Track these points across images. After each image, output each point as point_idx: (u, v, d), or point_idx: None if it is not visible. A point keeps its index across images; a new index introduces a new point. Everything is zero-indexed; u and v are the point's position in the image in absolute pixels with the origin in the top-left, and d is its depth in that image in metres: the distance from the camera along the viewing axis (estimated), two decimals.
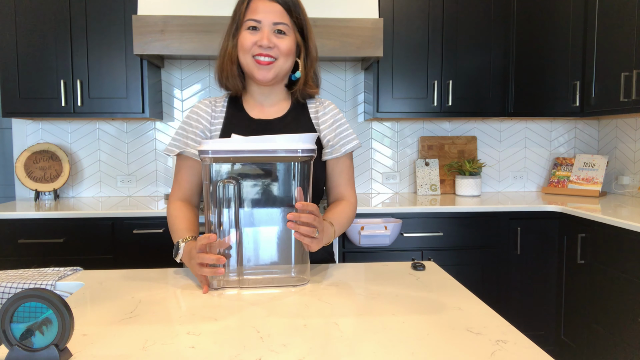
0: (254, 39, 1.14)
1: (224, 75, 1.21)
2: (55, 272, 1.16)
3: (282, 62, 1.17)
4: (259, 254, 1.03)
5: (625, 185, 2.87)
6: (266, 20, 1.14)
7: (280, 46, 1.15)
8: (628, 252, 1.99)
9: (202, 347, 0.75)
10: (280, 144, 0.96)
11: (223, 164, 0.97)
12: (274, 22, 1.15)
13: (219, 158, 0.95)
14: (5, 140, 2.99)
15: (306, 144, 0.97)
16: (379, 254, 2.41)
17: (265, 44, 1.13)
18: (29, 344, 0.68)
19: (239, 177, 0.98)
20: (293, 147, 0.96)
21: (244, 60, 1.17)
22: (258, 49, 1.14)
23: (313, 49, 1.24)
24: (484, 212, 2.46)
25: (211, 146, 0.94)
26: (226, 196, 0.98)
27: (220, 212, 0.98)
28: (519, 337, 0.78)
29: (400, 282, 1.09)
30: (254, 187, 1.00)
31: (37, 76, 2.51)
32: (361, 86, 3.00)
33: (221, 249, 0.99)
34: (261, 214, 1.01)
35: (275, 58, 1.15)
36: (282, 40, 1.16)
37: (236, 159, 0.96)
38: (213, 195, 0.98)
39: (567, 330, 2.45)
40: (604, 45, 2.58)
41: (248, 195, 1.00)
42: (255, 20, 1.14)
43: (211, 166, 0.96)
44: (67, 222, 2.29)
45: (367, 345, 0.75)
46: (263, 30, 1.14)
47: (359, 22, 2.42)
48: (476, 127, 3.08)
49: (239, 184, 0.98)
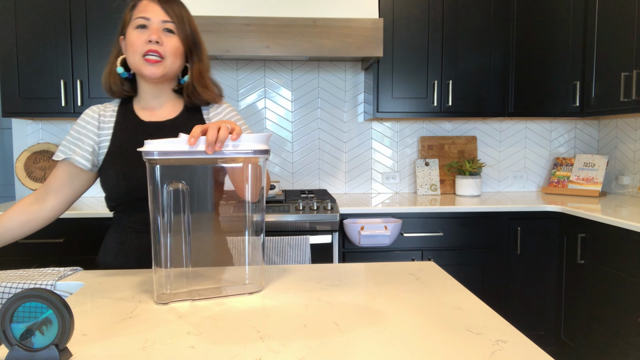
0: (143, 37, 1.14)
1: (111, 80, 1.23)
2: (55, 272, 1.16)
3: (171, 61, 1.17)
4: (209, 261, 0.97)
5: (625, 185, 2.87)
6: (155, 18, 1.15)
7: (169, 44, 1.16)
8: (628, 252, 1.99)
9: (202, 347, 0.75)
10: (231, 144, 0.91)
11: (169, 165, 0.89)
12: (162, 20, 1.16)
13: (165, 160, 0.88)
14: (5, 140, 2.99)
15: (259, 144, 0.92)
16: (379, 254, 2.41)
17: (154, 39, 1.13)
18: (29, 344, 0.68)
19: (185, 179, 0.91)
20: (245, 147, 0.91)
21: (133, 59, 1.16)
22: (148, 45, 1.14)
23: (205, 56, 1.24)
24: (484, 212, 2.46)
25: (156, 147, 0.86)
26: (173, 201, 0.91)
27: (167, 218, 0.91)
28: (519, 337, 0.78)
29: (400, 282, 1.09)
30: (203, 190, 0.93)
31: (37, 76, 2.51)
32: (361, 86, 3.00)
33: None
34: (211, 219, 0.95)
35: (163, 57, 1.16)
36: (170, 38, 1.16)
37: (183, 160, 0.89)
38: (158, 200, 0.90)
39: (567, 330, 2.45)
40: (604, 45, 2.58)
41: (196, 199, 0.93)
42: (145, 17, 1.15)
43: (155, 168, 0.89)
44: (67, 222, 2.29)
45: (367, 345, 0.75)
46: (152, 27, 1.15)
47: (359, 22, 2.42)
48: (476, 127, 3.08)
49: (186, 187, 0.92)
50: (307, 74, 2.97)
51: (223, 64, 2.92)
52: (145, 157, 0.88)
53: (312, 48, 2.41)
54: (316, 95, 2.98)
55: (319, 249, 2.31)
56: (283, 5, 2.43)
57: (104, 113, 1.25)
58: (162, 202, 0.90)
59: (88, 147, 1.21)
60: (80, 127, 1.23)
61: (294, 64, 2.96)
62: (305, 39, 2.40)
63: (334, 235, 2.32)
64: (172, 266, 0.94)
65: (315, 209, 2.31)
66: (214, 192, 0.95)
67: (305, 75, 2.97)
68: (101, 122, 1.23)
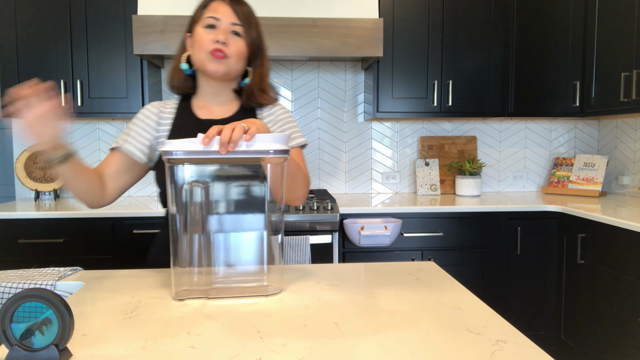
0: (211, 37, 1.16)
1: (174, 76, 1.26)
2: (55, 272, 1.16)
3: (234, 62, 1.19)
4: (228, 261, 0.96)
5: (625, 185, 2.87)
6: (225, 19, 1.18)
7: (235, 46, 1.18)
8: (628, 252, 1.99)
9: (202, 347, 0.75)
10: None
11: (189, 165, 0.90)
12: (232, 22, 1.18)
13: (184, 159, 0.88)
14: (5, 140, 2.99)
15: (278, 144, 0.90)
16: (379, 254, 2.41)
17: (222, 39, 1.15)
18: (29, 344, 0.68)
19: (206, 179, 0.92)
20: (264, 147, 0.89)
21: (199, 56, 1.18)
22: (215, 44, 1.16)
23: (266, 61, 1.27)
24: (484, 212, 2.46)
25: (175, 146, 0.87)
26: (193, 200, 0.91)
27: (187, 217, 0.91)
28: (519, 337, 0.78)
29: (400, 282, 1.09)
30: (223, 190, 0.93)
31: (37, 76, 2.51)
32: (361, 86, 3.00)
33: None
34: (230, 219, 0.95)
35: (228, 56, 1.18)
36: (236, 41, 1.19)
37: (203, 160, 0.89)
38: (179, 200, 0.91)
39: (567, 330, 2.45)
40: (604, 45, 2.58)
41: (216, 199, 0.93)
42: (215, 18, 1.17)
43: (176, 168, 0.90)
44: (67, 222, 2.29)
45: (367, 345, 0.75)
46: (220, 28, 1.17)
47: (359, 22, 2.42)
48: (476, 127, 3.08)
49: (206, 187, 0.92)
50: (307, 74, 2.97)
51: None
52: (164, 157, 0.88)
53: (312, 48, 2.40)
54: (316, 95, 2.98)
55: (319, 249, 2.31)
56: (283, 5, 2.43)
57: (164, 109, 1.27)
58: (182, 201, 0.91)
59: (146, 141, 1.23)
60: (139, 121, 1.25)
61: (294, 64, 2.96)
62: (305, 39, 2.40)
63: (334, 235, 2.32)
64: (192, 264, 0.94)
65: (315, 209, 2.31)
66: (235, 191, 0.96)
67: (305, 75, 2.97)
68: (161, 117, 1.26)
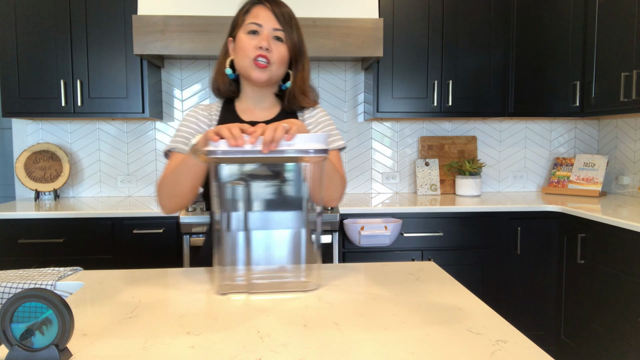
0: (254, 43, 1.19)
1: (219, 79, 1.28)
2: (55, 272, 1.16)
3: (276, 67, 1.22)
4: (268, 258, 1.00)
5: (625, 185, 2.87)
6: (267, 25, 1.19)
7: (277, 52, 1.20)
8: (628, 252, 1.99)
9: (202, 347, 0.75)
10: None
11: (231, 164, 0.95)
12: (274, 28, 1.20)
13: (227, 158, 0.93)
14: (5, 140, 2.99)
15: (318, 144, 0.93)
16: (379, 254, 2.41)
17: (265, 46, 1.18)
18: (29, 344, 0.68)
19: (248, 178, 0.96)
20: (304, 147, 0.93)
21: (242, 63, 1.21)
22: (258, 50, 1.18)
23: (307, 64, 1.29)
24: (484, 212, 2.46)
25: (219, 146, 0.92)
26: (234, 198, 0.96)
27: (229, 214, 0.96)
28: (519, 337, 0.78)
29: (400, 282, 1.09)
30: (264, 189, 0.97)
31: (37, 76, 2.51)
32: (361, 86, 3.00)
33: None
34: (271, 216, 0.99)
35: (270, 63, 1.20)
36: (279, 46, 1.21)
37: (245, 159, 0.93)
38: (221, 197, 0.95)
39: (567, 330, 2.45)
40: (604, 45, 2.58)
41: (257, 197, 0.97)
42: (257, 24, 1.19)
43: (219, 167, 0.95)
44: (67, 222, 2.29)
45: (367, 345, 0.75)
46: (263, 34, 1.19)
47: (359, 22, 2.42)
48: (476, 127, 3.08)
49: (247, 185, 0.96)
50: None
51: None
52: (208, 156, 0.92)
53: (312, 48, 2.40)
54: None
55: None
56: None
57: (210, 111, 1.30)
58: (225, 198, 0.95)
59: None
60: (190, 123, 1.26)
61: None
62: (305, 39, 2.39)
63: (334, 235, 2.32)
64: (234, 260, 0.98)
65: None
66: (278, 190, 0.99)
67: None
68: (209, 119, 1.28)
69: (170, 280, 1.11)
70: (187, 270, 1.18)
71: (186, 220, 2.25)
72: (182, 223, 2.25)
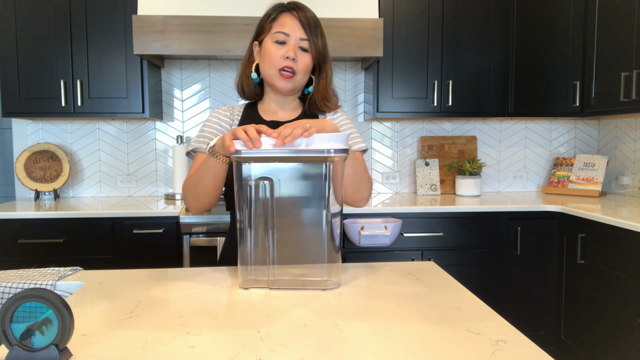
0: (281, 53, 1.21)
1: (244, 82, 1.31)
2: (55, 272, 1.16)
3: (300, 77, 1.25)
4: (290, 255, 1.02)
5: (625, 185, 2.87)
6: (294, 34, 1.21)
7: (302, 62, 1.23)
8: (628, 252, 1.99)
9: (202, 347, 0.75)
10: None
11: (254, 163, 0.97)
12: (300, 38, 1.22)
13: (251, 157, 0.95)
14: (5, 140, 2.99)
15: (338, 144, 0.95)
16: (379, 254, 2.41)
17: (292, 56, 1.20)
18: (29, 344, 0.68)
19: (270, 176, 0.98)
20: (325, 146, 0.94)
21: (268, 72, 1.23)
22: (285, 61, 1.20)
23: (330, 69, 1.31)
24: (484, 212, 2.46)
25: (243, 145, 0.95)
26: (257, 196, 0.98)
27: (251, 212, 0.99)
28: (519, 337, 0.78)
29: (400, 282, 1.09)
30: (286, 188, 0.99)
31: (37, 76, 2.51)
32: (361, 86, 3.00)
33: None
34: (292, 215, 1.01)
35: (295, 73, 1.23)
36: (304, 56, 1.23)
37: (267, 158, 0.96)
38: (244, 195, 0.98)
39: (567, 330, 2.45)
40: (604, 45, 2.58)
41: (279, 195, 0.99)
42: (284, 33, 1.21)
43: (242, 166, 0.97)
44: (67, 222, 2.29)
45: (367, 345, 0.75)
46: (290, 44, 1.21)
47: (359, 22, 2.42)
48: (476, 127, 3.08)
49: (270, 184, 0.98)
50: None
51: (223, 64, 2.92)
52: (231, 155, 0.96)
53: None
54: None
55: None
56: None
57: (233, 112, 1.33)
58: (247, 197, 0.98)
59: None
60: (213, 123, 1.29)
61: None
62: None
63: None
64: (256, 256, 1.01)
65: None
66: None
67: None
68: (232, 119, 1.31)
69: (170, 280, 1.11)
70: (187, 270, 1.18)
71: (186, 220, 2.25)
72: (182, 223, 2.25)
